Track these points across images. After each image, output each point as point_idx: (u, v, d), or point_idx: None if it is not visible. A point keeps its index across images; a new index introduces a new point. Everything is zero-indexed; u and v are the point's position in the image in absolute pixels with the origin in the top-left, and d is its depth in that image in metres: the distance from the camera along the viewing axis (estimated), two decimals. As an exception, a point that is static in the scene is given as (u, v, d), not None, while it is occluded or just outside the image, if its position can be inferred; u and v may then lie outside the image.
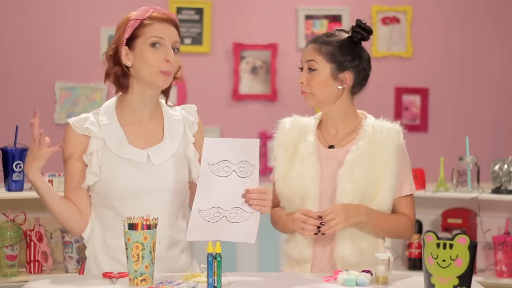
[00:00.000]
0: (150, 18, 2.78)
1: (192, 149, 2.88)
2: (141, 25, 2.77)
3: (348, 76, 2.93)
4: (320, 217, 2.82)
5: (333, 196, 2.89)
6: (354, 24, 2.96)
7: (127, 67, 2.79)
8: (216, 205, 2.68)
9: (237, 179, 2.68)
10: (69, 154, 2.81)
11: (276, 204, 3.02)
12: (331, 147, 2.98)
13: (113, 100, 2.88)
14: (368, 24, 2.97)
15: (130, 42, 2.77)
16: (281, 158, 3.00)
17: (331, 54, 2.91)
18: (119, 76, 2.79)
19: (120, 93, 2.85)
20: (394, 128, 2.96)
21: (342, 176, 2.88)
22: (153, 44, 2.75)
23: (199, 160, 2.76)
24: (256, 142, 2.70)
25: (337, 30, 3.01)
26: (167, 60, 2.75)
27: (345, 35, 2.96)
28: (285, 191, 2.97)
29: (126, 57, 2.77)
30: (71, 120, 2.82)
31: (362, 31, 2.94)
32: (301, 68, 2.97)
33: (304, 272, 2.94)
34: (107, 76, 2.83)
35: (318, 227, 2.82)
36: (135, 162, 2.78)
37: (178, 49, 2.81)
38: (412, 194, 2.99)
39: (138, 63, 2.76)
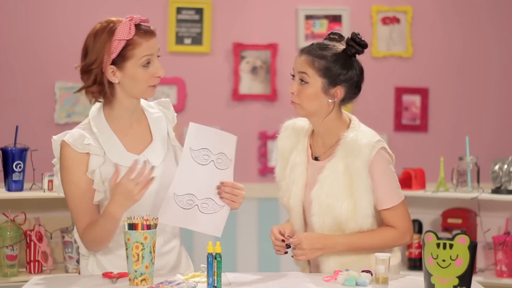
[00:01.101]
0: (137, 36, 2.71)
1: (176, 144, 2.89)
2: (130, 46, 2.71)
3: (339, 91, 2.88)
4: (283, 240, 2.86)
5: (310, 214, 2.91)
6: (349, 36, 2.90)
7: (110, 82, 2.74)
8: (191, 192, 2.70)
9: (215, 169, 2.71)
10: (74, 173, 2.73)
11: None
12: (316, 159, 2.97)
13: (97, 109, 2.83)
14: (363, 38, 2.90)
15: (118, 62, 2.71)
16: (279, 163, 3.04)
17: (323, 69, 2.86)
18: (101, 94, 2.76)
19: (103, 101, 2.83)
20: (365, 144, 2.85)
21: (314, 198, 2.89)
22: (145, 64, 2.73)
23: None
24: (234, 138, 2.74)
25: (331, 36, 2.94)
26: (157, 76, 2.75)
27: (340, 48, 2.90)
28: (281, 200, 3.02)
29: (113, 75, 2.73)
30: (67, 140, 2.73)
31: (356, 45, 2.88)
32: (293, 76, 2.92)
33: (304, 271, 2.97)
34: (87, 93, 2.78)
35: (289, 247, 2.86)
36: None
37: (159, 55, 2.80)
38: (400, 203, 2.89)
39: (129, 82, 2.74)
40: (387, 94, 5.33)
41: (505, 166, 4.31)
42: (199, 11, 5.26)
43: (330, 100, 2.88)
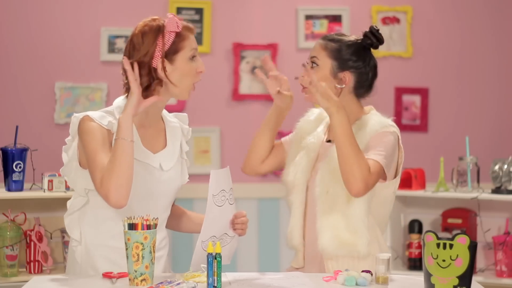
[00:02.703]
0: (183, 29, 2.76)
1: (185, 157, 2.95)
2: (179, 38, 2.75)
3: (347, 76, 2.94)
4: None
5: (314, 186, 2.95)
6: (368, 29, 2.99)
7: (158, 79, 2.75)
8: (213, 234, 2.73)
9: (228, 206, 2.76)
10: (100, 145, 2.68)
11: None
12: (329, 141, 3.02)
13: (123, 100, 2.82)
14: (381, 34, 2.99)
15: (169, 55, 2.74)
16: (294, 145, 3.10)
17: (335, 51, 2.95)
18: (154, 86, 2.76)
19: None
20: (379, 121, 2.95)
21: (320, 168, 2.94)
22: (192, 57, 2.78)
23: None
24: (227, 169, 2.76)
25: (344, 34, 3.05)
26: (200, 72, 2.79)
27: (355, 38, 2.99)
28: (285, 176, 3.05)
29: (164, 70, 2.74)
30: (91, 115, 2.72)
31: (372, 36, 2.96)
32: (306, 64, 3.01)
33: (297, 262, 3.03)
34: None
35: None
36: (148, 165, 2.79)
37: None
38: (378, 163, 2.86)
39: (177, 77, 2.75)
40: (387, 94, 5.33)
41: (505, 166, 4.31)
42: (199, 11, 5.26)
43: (337, 85, 2.94)
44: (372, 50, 3.04)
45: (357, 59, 2.96)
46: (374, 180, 2.86)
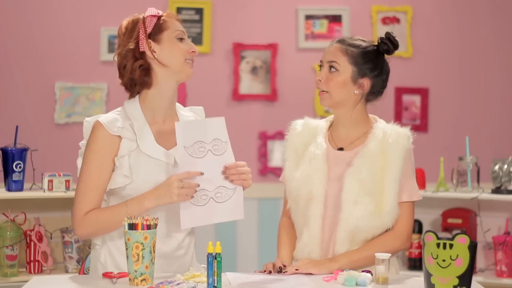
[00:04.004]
0: (166, 15, 2.86)
1: None
2: (162, 20, 2.84)
3: (366, 83, 2.94)
4: (280, 268, 2.81)
5: (338, 196, 2.88)
6: (383, 36, 2.99)
7: (150, 65, 2.81)
8: (202, 187, 2.71)
9: (214, 157, 2.73)
10: (100, 154, 2.76)
11: (285, 207, 3.06)
12: (341, 149, 2.97)
13: (133, 100, 2.86)
14: (397, 40, 2.99)
15: (154, 36, 2.82)
16: (290, 160, 3.03)
17: (355, 57, 2.92)
18: (145, 69, 2.81)
19: (137, 93, 2.86)
20: (403, 133, 2.93)
21: (348, 176, 2.88)
22: (179, 38, 2.84)
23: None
24: (222, 119, 2.76)
25: (360, 39, 3.03)
26: (193, 51, 2.85)
27: (371, 43, 2.99)
28: (292, 191, 2.98)
29: (151, 50, 2.81)
30: (101, 120, 2.77)
31: (389, 43, 2.96)
32: (320, 66, 2.97)
33: None
34: (130, 72, 2.81)
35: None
36: (162, 163, 2.80)
37: None
38: (412, 203, 2.93)
39: (167, 54, 2.81)
40: (387, 94, 5.31)
41: (505, 166, 4.31)
42: (199, 11, 5.26)
43: (356, 91, 2.93)
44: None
45: (376, 65, 2.95)
46: (411, 225, 2.92)
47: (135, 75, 2.82)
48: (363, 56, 2.93)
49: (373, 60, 2.95)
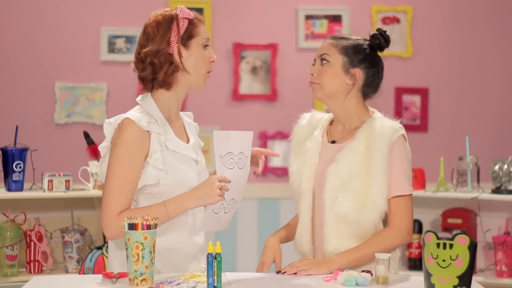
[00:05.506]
0: (195, 19, 2.84)
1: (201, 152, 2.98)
2: (192, 25, 2.82)
3: (358, 73, 2.95)
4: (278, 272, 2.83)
5: (322, 192, 2.91)
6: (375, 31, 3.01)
7: (175, 66, 2.80)
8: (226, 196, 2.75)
9: (238, 171, 2.75)
10: (134, 151, 2.70)
11: None
12: (333, 142, 2.99)
13: (145, 98, 2.85)
14: (388, 35, 3.00)
15: (185, 40, 2.80)
16: (293, 153, 3.07)
17: (345, 48, 2.95)
18: (172, 72, 2.80)
19: (150, 92, 2.85)
20: (390, 125, 2.94)
21: (330, 172, 2.90)
22: (204, 46, 2.84)
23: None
24: (250, 134, 2.77)
25: (353, 35, 3.06)
26: (212, 61, 2.86)
27: (363, 39, 3.01)
28: (290, 185, 3.03)
29: (180, 56, 2.79)
30: (131, 117, 2.73)
31: (380, 37, 2.98)
32: (314, 62, 2.99)
33: None
34: (157, 70, 2.79)
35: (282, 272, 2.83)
36: (186, 156, 2.82)
37: None
38: (408, 196, 2.90)
39: (193, 63, 2.81)
40: (387, 94, 5.33)
41: (505, 166, 4.31)
42: (199, 11, 5.26)
43: (348, 81, 2.94)
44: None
45: (367, 57, 2.97)
46: (410, 218, 2.90)
47: (160, 75, 2.80)
48: (353, 47, 2.96)
49: (364, 52, 2.97)
